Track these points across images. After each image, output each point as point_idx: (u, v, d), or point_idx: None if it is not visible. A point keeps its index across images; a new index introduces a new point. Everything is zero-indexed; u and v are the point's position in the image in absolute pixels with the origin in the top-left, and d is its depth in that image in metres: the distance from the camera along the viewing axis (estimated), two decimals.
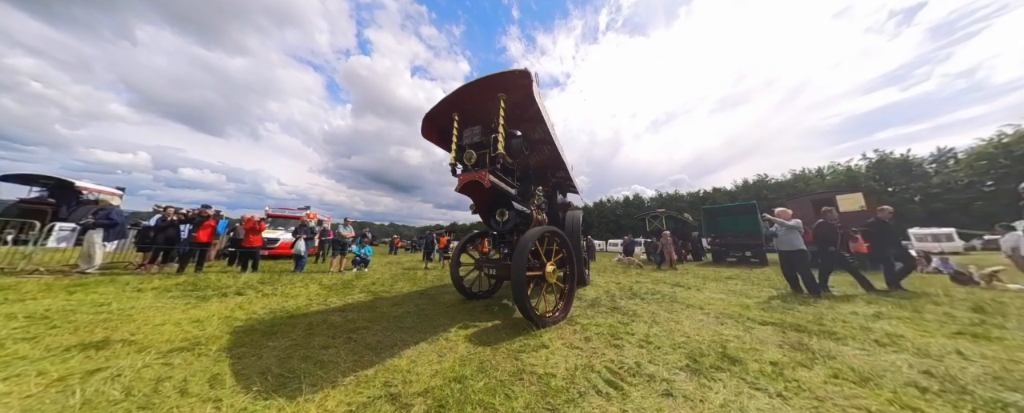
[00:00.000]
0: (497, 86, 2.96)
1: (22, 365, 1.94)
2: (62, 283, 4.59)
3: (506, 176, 3.50)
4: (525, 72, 2.77)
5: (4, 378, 1.78)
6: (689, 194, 56.49)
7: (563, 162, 4.58)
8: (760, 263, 10.83)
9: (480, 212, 4.01)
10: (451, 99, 3.26)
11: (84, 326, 2.73)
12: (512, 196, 3.66)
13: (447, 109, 3.40)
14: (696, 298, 4.44)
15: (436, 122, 3.63)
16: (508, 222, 3.63)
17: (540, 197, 4.81)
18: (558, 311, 3.14)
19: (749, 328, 2.92)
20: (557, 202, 5.59)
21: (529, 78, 2.78)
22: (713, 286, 5.68)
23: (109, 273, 5.67)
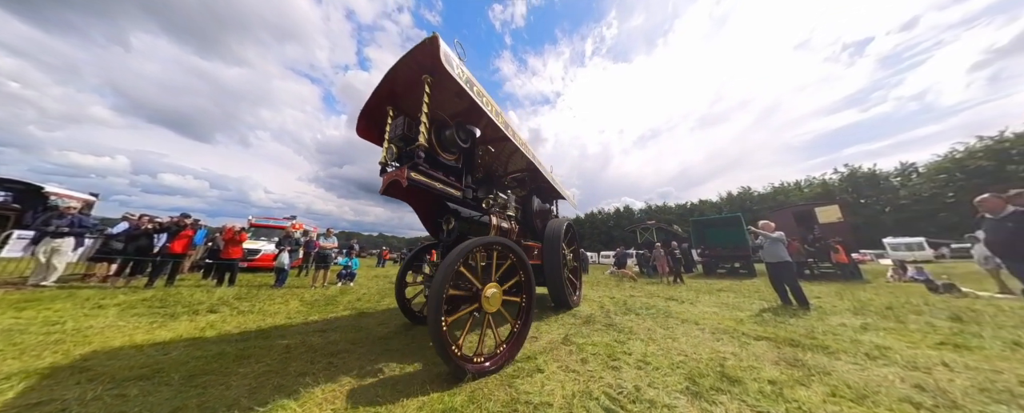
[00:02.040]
0: (419, 65, 2.40)
1: None
2: (12, 298, 4.19)
3: (447, 176, 2.94)
4: (433, 39, 2.17)
5: None
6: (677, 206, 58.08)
7: (530, 162, 3.89)
8: (749, 274, 11.04)
9: (423, 221, 3.56)
10: (380, 89, 2.74)
11: (30, 349, 2.46)
12: (454, 198, 3.04)
13: (379, 102, 2.88)
14: (691, 312, 4.42)
15: (372, 117, 3.08)
16: (453, 231, 3.11)
17: (505, 202, 4.18)
18: (493, 358, 2.28)
19: (745, 344, 2.90)
20: (533, 209, 4.80)
21: (436, 45, 2.15)
22: (706, 299, 5.70)
23: (67, 287, 5.23)
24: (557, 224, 4.61)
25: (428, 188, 2.69)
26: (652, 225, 16.16)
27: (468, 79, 2.44)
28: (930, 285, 6.40)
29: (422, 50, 2.27)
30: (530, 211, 4.78)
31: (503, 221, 3.88)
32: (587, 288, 7.71)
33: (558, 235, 4.36)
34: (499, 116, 2.94)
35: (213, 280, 6.76)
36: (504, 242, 2.58)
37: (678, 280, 8.66)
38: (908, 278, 8.35)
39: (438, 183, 2.80)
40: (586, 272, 15.51)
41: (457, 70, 2.31)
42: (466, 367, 2.09)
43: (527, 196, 4.95)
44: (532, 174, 4.71)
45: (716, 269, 12.41)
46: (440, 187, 2.82)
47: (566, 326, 3.59)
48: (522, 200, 4.90)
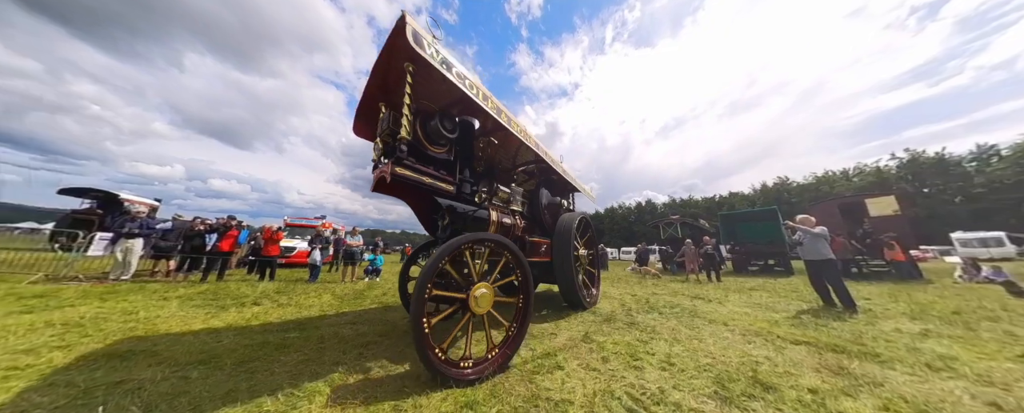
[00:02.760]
0: (398, 53, 2.21)
1: (57, 374, 2.01)
2: (98, 290, 4.85)
3: (438, 170, 2.79)
4: (400, 18, 2.00)
5: (37, 388, 1.84)
6: (704, 199, 54.61)
7: (537, 152, 3.71)
8: (785, 272, 10.25)
9: (420, 218, 3.48)
10: (370, 85, 2.63)
11: (112, 334, 2.84)
12: (446, 193, 2.87)
13: (371, 98, 2.78)
14: (719, 313, 4.19)
15: (367, 116, 3.01)
16: (448, 228, 2.99)
17: (508, 196, 3.98)
18: (481, 364, 2.13)
19: (780, 348, 2.71)
20: (541, 203, 4.50)
21: (403, 24, 1.97)
22: (736, 299, 5.38)
23: (139, 281, 5.96)
24: (569, 218, 4.32)
25: (416, 183, 2.54)
26: (676, 220, 15.22)
27: (444, 60, 2.26)
28: (1011, 287, 5.59)
29: (395, 35, 2.06)
30: (538, 205, 4.48)
31: (505, 216, 3.65)
32: (607, 285, 7.55)
33: (570, 230, 4.11)
34: (488, 100, 2.71)
35: (256, 275, 7.40)
36: (496, 238, 2.43)
37: (715, 279, 8.16)
38: (982, 278, 7.34)
39: (427, 178, 2.62)
40: (606, 269, 15.17)
41: (429, 50, 2.12)
42: (448, 372, 1.97)
43: (534, 189, 4.64)
44: (541, 166, 4.47)
45: (747, 267, 11.64)
46: (429, 182, 2.64)
47: (586, 324, 3.55)
48: (529, 194, 4.61)
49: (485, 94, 2.69)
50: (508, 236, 3.64)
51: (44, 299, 4.07)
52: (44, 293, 4.41)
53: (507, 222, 3.65)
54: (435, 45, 2.20)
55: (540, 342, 2.90)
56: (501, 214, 3.59)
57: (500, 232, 3.48)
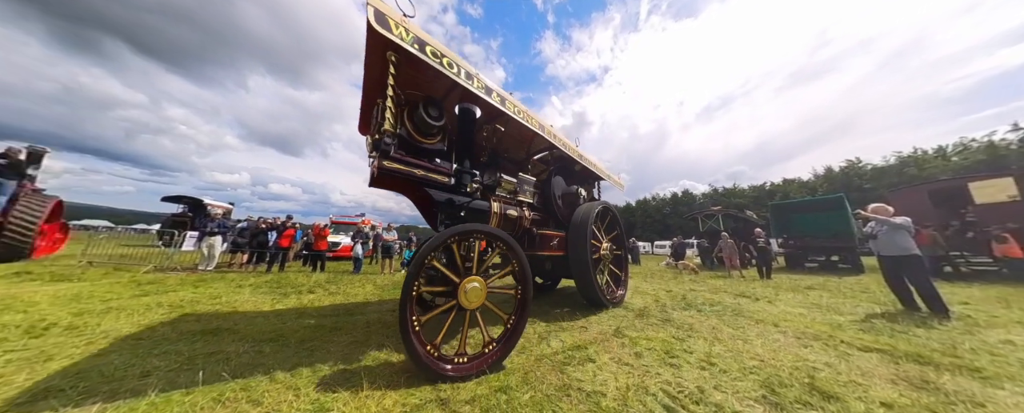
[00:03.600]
0: (375, 42, 2.08)
1: (164, 346, 2.47)
2: (191, 278, 5.79)
3: (432, 161, 2.69)
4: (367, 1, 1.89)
5: (155, 355, 2.28)
6: (752, 188, 48.79)
7: (546, 139, 3.50)
8: (853, 269, 8.95)
9: (422, 212, 3.39)
10: (366, 82, 2.56)
11: (204, 315, 3.39)
12: (440, 185, 2.74)
13: (371, 95, 2.71)
14: (768, 312, 3.82)
15: (369, 114, 2.97)
16: (445, 222, 2.91)
17: (515, 187, 3.73)
18: (477, 360, 2.07)
19: (844, 354, 2.41)
20: (554, 192, 4.21)
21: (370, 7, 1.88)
22: (789, 298, 4.85)
23: (220, 271, 7.00)
24: (586, 209, 3.94)
25: (407, 177, 2.46)
26: (718, 211, 13.57)
27: (417, 39, 2.09)
28: None
29: (369, 24, 1.93)
30: (550, 195, 4.15)
31: (510, 208, 3.48)
32: (639, 280, 7.24)
33: (586, 221, 3.74)
34: (474, 79, 2.51)
35: (309, 267, 8.29)
36: (488, 229, 2.31)
37: (764, 276, 7.43)
38: None
39: (418, 170, 2.51)
40: (637, 263, 14.50)
41: (397, 31, 1.99)
42: (439, 368, 1.92)
43: (546, 178, 4.31)
44: (556, 154, 4.23)
45: (804, 263, 10.37)
46: (421, 174, 2.54)
47: (617, 319, 3.46)
48: (541, 184, 4.26)
49: (469, 73, 2.47)
50: (514, 229, 3.53)
51: (154, 285, 4.97)
52: (154, 280, 5.37)
53: (512, 214, 3.48)
54: (405, 24, 2.05)
55: (570, 335, 2.90)
56: (505, 206, 3.43)
57: (504, 225, 3.36)
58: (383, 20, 1.95)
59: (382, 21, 1.94)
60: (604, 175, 5.12)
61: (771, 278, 7.35)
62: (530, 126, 3.20)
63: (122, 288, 4.58)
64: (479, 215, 3.13)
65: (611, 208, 4.51)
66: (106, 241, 7.54)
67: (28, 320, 2.87)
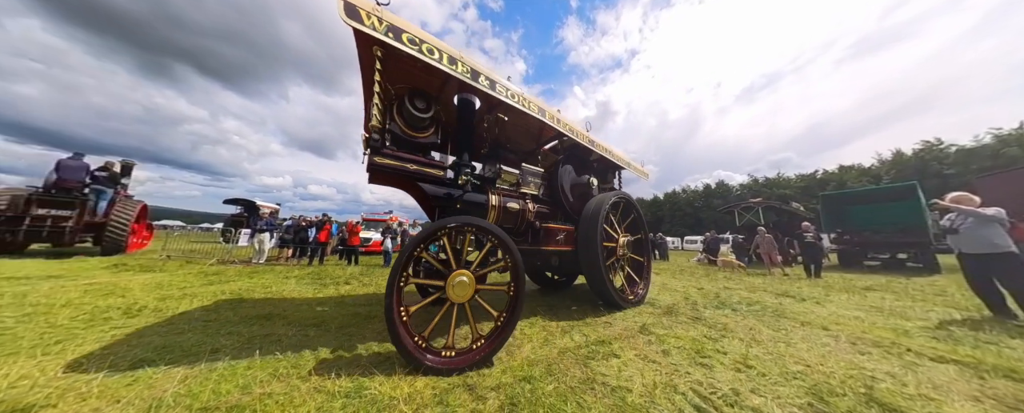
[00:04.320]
0: (361, 40, 2.04)
1: (228, 327, 2.81)
2: (246, 270, 6.50)
3: (426, 155, 2.66)
4: None
5: (221, 335, 2.60)
6: (800, 177, 43.49)
7: (555, 128, 3.36)
8: (926, 269, 7.82)
9: (423, 208, 3.35)
10: (365, 84, 2.51)
11: (259, 303, 3.80)
12: (435, 179, 2.70)
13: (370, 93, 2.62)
14: (816, 314, 3.49)
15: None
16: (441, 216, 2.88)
17: (517, 178, 3.53)
18: (465, 354, 2.06)
19: (912, 365, 2.15)
20: (562, 183, 3.94)
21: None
22: (842, 299, 4.38)
23: (270, 264, 7.77)
24: (598, 201, 3.69)
25: (399, 172, 2.45)
26: (758, 203, 12.36)
27: (391, 27, 2.01)
28: None
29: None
30: (558, 186, 3.88)
31: (511, 200, 3.31)
32: (667, 277, 6.92)
33: (597, 214, 3.48)
34: (458, 64, 2.35)
35: (344, 261, 8.93)
36: (478, 223, 2.28)
37: (813, 274, 6.74)
38: None
39: (411, 165, 2.49)
40: (665, 259, 13.80)
41: (368, 21, 1.91)
42: (423, 359, 1.93)
43: (553, 168, 4.02)
44: (567, 143, 4.01)
45: (861, 261, 9.22)
46: (414, 169, 2.50)
47: (643, 316, 3.36)
48: (548, 174, 3.98)
49: (453, 57, 2.32)
50: (516, 223, 3.40)
51: (218, 276, 5.64)
52: (218, 272, 6.10)
53: (513, 207, 3.31)
54: (378, 13, 1.96)
55: (593, 330, 2.87)
56: (505, 198, 3.27)
57: (503, 218, 3.24)
58: (354, 12, 1.86)
59: (353, 13, 1.85)
60: (624, 163, 4.74)
61: (820, 277, 6.65)
62: (527, 110, 2.95)
63: (193, 278, 5.26)
64: (476, 208, 3.04)
65: (629, 199, 4.21)
66: (180, 238, 8.69)
67: (126, 303, 3.40)
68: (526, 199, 3.55)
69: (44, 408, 1.43)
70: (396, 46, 2.04)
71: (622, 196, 4.05)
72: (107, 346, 2.18)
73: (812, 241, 6.99)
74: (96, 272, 5.27)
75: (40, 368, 1.79)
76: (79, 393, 1.57)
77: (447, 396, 1.70)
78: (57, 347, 2.11)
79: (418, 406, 1.60)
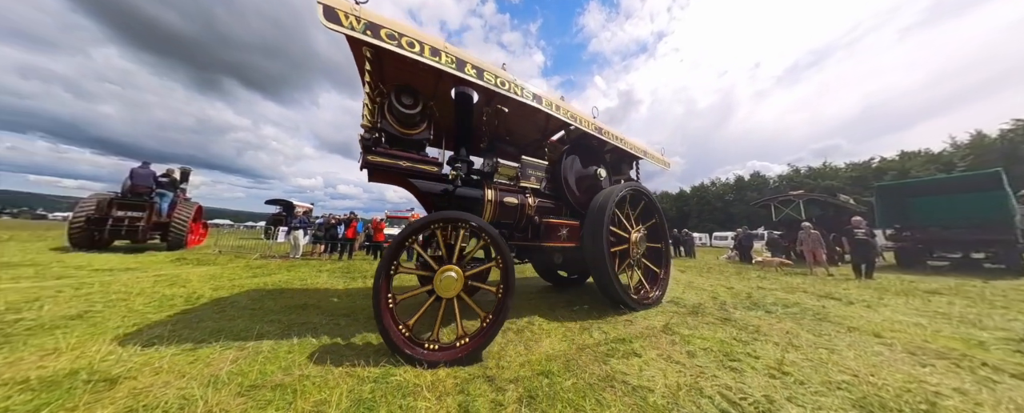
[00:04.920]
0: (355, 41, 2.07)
1: (270, 315, 3.08)
2: (285, 264, 7.06)
3: (419, 152, 2.68)
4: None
5: (264, 322, 2.86)
6: (850, 166, 38.42)
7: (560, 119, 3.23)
8: (1011, 271, 6.80)
9: (421, 202, 3.33)
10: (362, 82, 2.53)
11: (297, 294, 4.12)
12: (428, 175, 2.70)
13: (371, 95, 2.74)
14: (866, 319, 3.17)
15: None
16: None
17: (515, 172, 3.37)
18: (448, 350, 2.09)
19: (988, 380, 1.89)
20: (567, 176, 3.72)
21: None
22: (898, 303, 3.93)
23: (304, 259, 8.38)
24: (606, 193, 3.48)
25: (391, 169, 2.49)
26: (798, 197, 11.08)
27: (369, 25, 1.99)
28: None
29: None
30: (562, 179, 3.66)
31: (508, 195, 3.20)
32: (693, 274, 6.59)
33: (604, 207, 3.28)
34: (441, 55, 2.27)
35: (371, 255, 9.44)
36: (466, 218, 2.28)
37: (864, 275, 6.05)
38: None
39: (403, 162, 2.52)
40: (692, 256, 13.11)
41: (347, 22, 1.92)
42: (405, 350, 1.98)
43: (557, 160, 3.80)
44: (574, 133, 3.82)
45: (924, 260, 8.21)
46: (406, 166, 2.54)
47: (667, 314, 3.23)
48: (552, 167, 3.76)
49: (435, 48, 2.25)
50: (514, 218, 3.30)
51: (261, 269, 6.18)
52: (260, 266, 6.68)
53: (511, 202, 3.20)
54: (356, 12, 1.96)
55: (612, 327, 2.82)
56: (503, 193, 3.17)
57: (501, 214, 3.15)
58: (332, 15, 1.89)
59: (331, 16, 1.89)
60: (640, 152, 4.39)
61: (872, 278, 5.99)
62: (520, 98, 2.82)
63: (241, 271, 5.80)
64: (470, 203, 2.99)
65: (643, 190, 3.91)
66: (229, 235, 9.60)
67: (186, 292, 3.84)
68: (526, 193, 3.42)
69: (127, 379, 1.67)
70: (374, 43, 2.02)
71: (635, 187, 3.80)
72: (173, 329, 2.48)
73: (863, 238, 6.29)
74: (163, 265, 5.99)
75: (123, 345, 2.08)
76: (153, 368, 1.81)
77: (468, 385, 1.75)
78: (134, 328, 2.44)
79: (441, 393, 1.66)
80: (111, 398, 1.50)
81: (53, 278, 4.15)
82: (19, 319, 2.48)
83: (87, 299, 3.18)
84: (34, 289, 3.53)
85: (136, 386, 1.61)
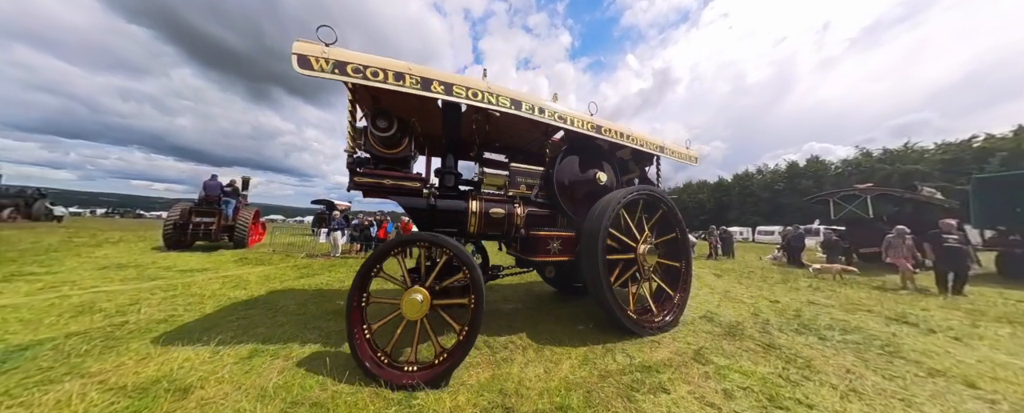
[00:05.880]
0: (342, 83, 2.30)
1: (313, 321, 3.38)
2: (326, 263, 7.75)
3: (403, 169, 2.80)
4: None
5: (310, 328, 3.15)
6: (942, 146, 31.55)
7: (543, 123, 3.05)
8: None
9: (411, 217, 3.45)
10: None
11: (336, 295, 4.49)
12: (409, 191, 2.78)
13: None
14: (954, 357, 2.63)
15: None
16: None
17: (505, 180, 3.25)
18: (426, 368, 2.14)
19: None
20: (559, 182, 3.44)
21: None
22: (1002, 335, 3.23)
23: (342, 257, 9.12)
24: (606, 201, 3.12)
25: (375, 189, 2.69)
26: (865, 190, 9.11)
27: (337, 64, 2.12)
28: None
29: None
30: (554, 186, 3.37)
31: (495, 205, 3.10)
32: (733, 280, 5.99)
33: (601, 217, 2.93)
34: (405, 78, 2.31)
35: None
36: (427, 237, 2.36)
37: (950, 290, 5.08)
38: None
39: (387, 180, 2.69)
40: (731, 255, 12.00)
41: (317, 65, 2.08)
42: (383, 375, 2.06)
43: (550, 164, 3.49)
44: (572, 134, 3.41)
45: None
46: (389, 184, 2.70)
47: (700, 335, 3.00)
48: (546, 172, 3.49)
49: (399, 73, 2.31)
50: (502, 229, 3.18)
51: (307, 269, 6.83)
52: (307, 265, 7.39)
53: (497, 213, 3.08)
54: (326, 55, 2.11)
55: (638, 349, 2.68)
56: (488, 204, 3.09)
57: (486, 225, 3.07)
58: (305, 62, 2.08)
59: (304, 63, 2.07)
60: (655, 149, 3.81)
61: (962, 294, 4.99)
62: (495, 107, 2.71)
63: (290, 271, 6.47)
64: (453, 216, 2.98)
65: (654, 194, 3.43)
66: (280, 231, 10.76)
67: (247, 295, 4.37)
68: (515, 203, 3.26)
69: (197, 388, 1.94)
70: (341, 79, 2.17)
71: (643, 191, 3.37)
72: (234, 335, 2.84)
73: (956, 245, 5.24)
74: (229, 265, 6.88)
75: (195, 352, 2.43)
76: (217, 377, 2.08)
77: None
78: (206, 334, 2.83)
79: None
80: (184, 408, 1.75)
81: (149, 280, 4.97)
82: (124, 322, 3.00)
83: (172, 303, 3.75)
84: (135, 291, 4.26)
85: (203, 396, 1.86)
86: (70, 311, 3.22)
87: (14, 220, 15.73)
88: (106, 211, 58.26)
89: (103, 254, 7.17)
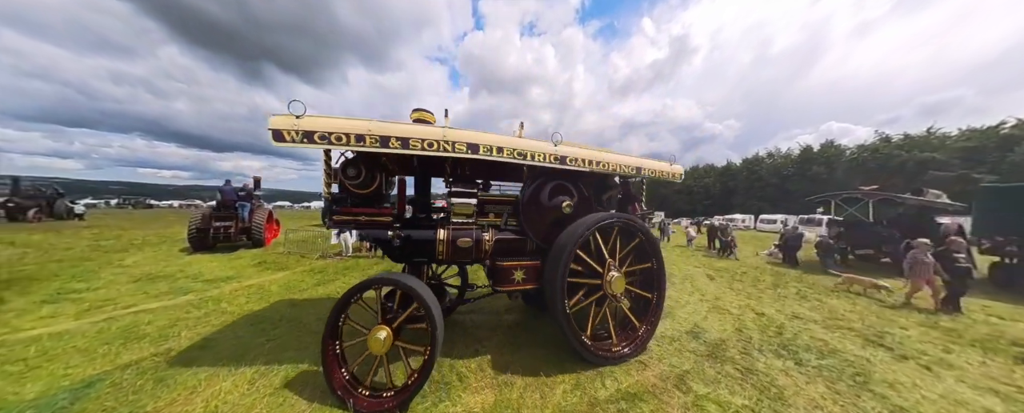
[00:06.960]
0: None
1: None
2: (339, 266, 8.18)
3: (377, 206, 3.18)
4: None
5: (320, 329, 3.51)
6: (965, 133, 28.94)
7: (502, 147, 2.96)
8: None
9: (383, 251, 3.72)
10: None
11: None
12: (383, 225, 3.14)
13: None
14: (920, 391, 2.72)
15: None
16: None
17: (474, 209, 3.35)
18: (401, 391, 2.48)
19: None
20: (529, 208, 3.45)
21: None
22: (971, 362, 3.28)
23: (354, 257, 9.57)
24: (572, 230, 3.13)
25: (352, 225, 3.12)
26: (868, 194, 8.79)
27: (306, 133, 2.40)
28: None
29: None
30: (521, 212, 3.39)
31: (463, 234, 3.22)
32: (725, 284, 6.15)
33: (564, 249, 2.97)
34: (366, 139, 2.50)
35: None
36: (386, 278, 2.61)
37: (945, 307, 4.99)
38: None
39: (362, 217, 3.08)
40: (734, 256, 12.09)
41: (289, 136, 2.36)
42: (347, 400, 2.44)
43: (522, 190, 3.51)
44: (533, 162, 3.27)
45: None
46: (365, 220, 3.09)
47: (684, 356, 3.25)
48: (515, 200, 3.56)
49: (360, 135, 2.51)
50: (470, 257, 3.30)
51: (322, 274, 7.25)
52: (322, 269, 7.81)
53: (464, 242, 3.19)
54: (296, 127, 2.37)
55: (625, 373, 2.95)
56: (456, 233, 3.21)
57: (454, 254, 3.22)
58: (279, 135, 2.37)
59: (278, 137, 2.38)
60: (630, 170, 3.56)
61: (960, 312, 4.91)
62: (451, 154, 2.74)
63: (307, 277, 6.90)
64: (422, 246, 3.20)
65: (627, 222, 3.34)
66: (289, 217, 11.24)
67: (271, 313, 4.76)
68: (484, 230, 3.33)
69: None
70: (310, 147, 2.43)
71: (613, 220, 3.25)
72: (267, 361, 3.19)
73: (966, 265, 5.02)
74: (249, 271, 7.34)
75: (234, 384, 2.79)
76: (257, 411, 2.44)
77: None
78: (241, 361, 3.18)
79: None
80: None
81: (181, 294, 5.41)
82: (169, 349, 3.39)
83: (207, 324, 4.13)
84: (172, 308, 4.68)
85: None
86: (119, 337, 3.62)
87: (40, 220, 16.49)
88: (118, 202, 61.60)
89: (133, 262, 7.70)
